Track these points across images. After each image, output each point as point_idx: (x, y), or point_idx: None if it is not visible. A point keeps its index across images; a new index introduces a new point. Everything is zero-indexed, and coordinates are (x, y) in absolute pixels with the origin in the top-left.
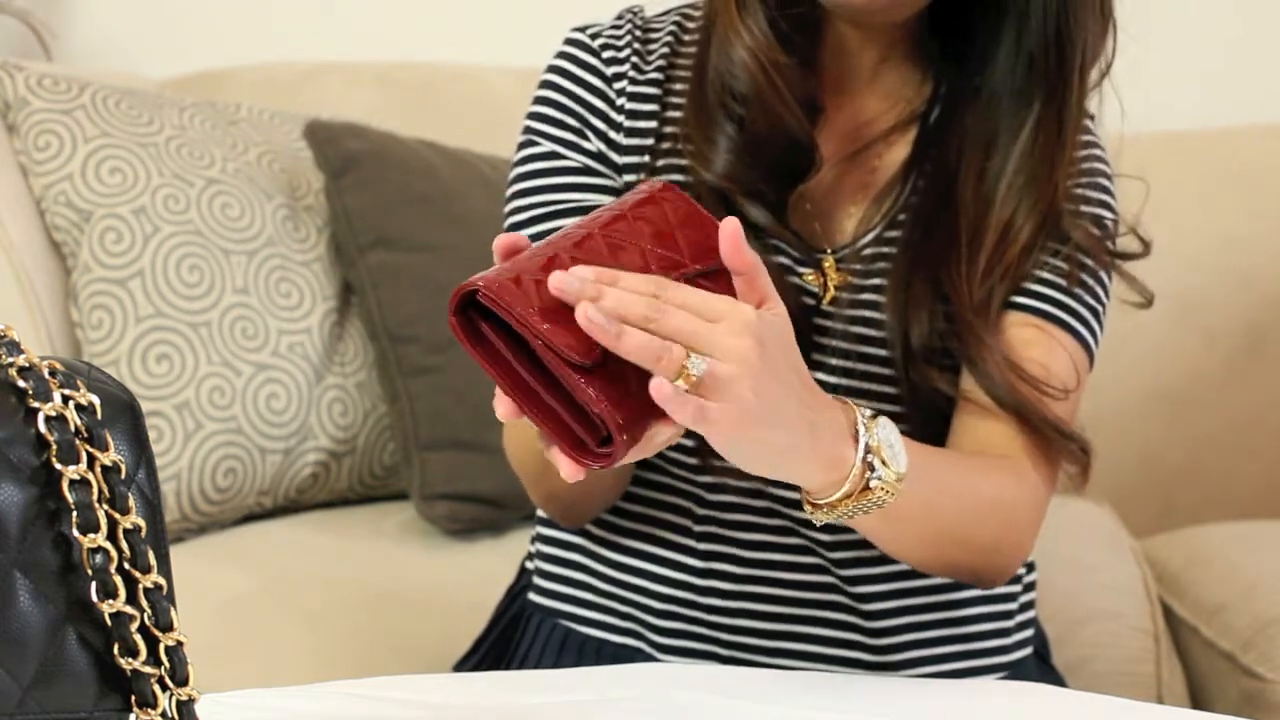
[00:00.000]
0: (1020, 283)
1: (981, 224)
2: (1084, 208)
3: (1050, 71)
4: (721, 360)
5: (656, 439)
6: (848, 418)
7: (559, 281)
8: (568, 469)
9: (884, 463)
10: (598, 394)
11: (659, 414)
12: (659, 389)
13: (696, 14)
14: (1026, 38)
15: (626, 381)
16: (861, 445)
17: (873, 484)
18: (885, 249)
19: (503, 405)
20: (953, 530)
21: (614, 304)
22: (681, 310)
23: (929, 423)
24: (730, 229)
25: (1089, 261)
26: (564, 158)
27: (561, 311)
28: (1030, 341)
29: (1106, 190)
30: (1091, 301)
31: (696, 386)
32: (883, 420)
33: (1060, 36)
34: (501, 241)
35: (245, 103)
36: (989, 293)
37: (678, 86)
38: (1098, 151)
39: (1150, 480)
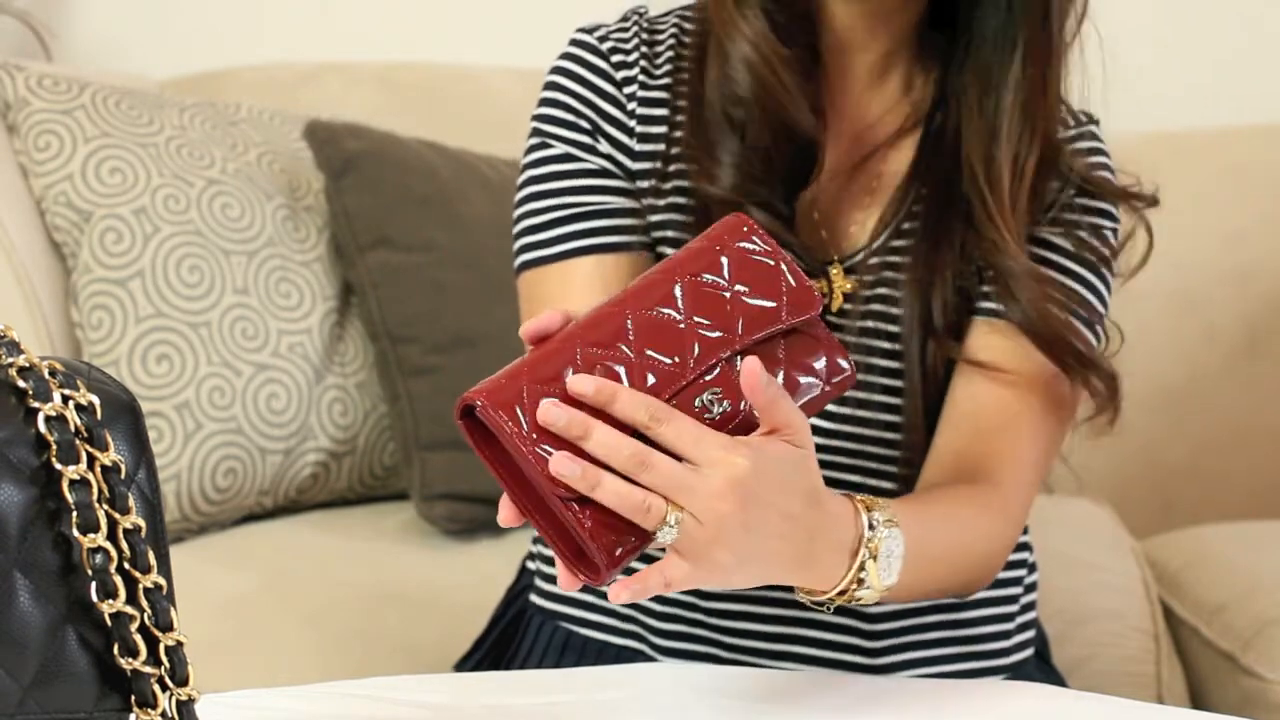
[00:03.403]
0: (1034, 227)
1: (994, 160)
2: (1084, 217)
3: (1031, 8)
4: (700, 524)
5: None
6: (855, 528)
7: (547, 415)
8: (564, 579)
9: (875, 575)
10: (593, 525)
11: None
12: (619, 590)
13: (694, 15)
14: None
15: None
16: (857, 562)
17: (859, 594)
18: (892, 258)
19: (505, 511)
20: (931, 588)
21: (599, 450)
22: (664, 463)
23: (932, 412)
24: (749, 372)
25: (1091, 238)
26: (580, 159)
27: (550, 433)
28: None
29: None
30: (1089, 316)
31: (674, 542)
32: (893, 532)
33: None
34: (530, 330)
35: (245, 103)
36: (1019, 225)
37: (684, 90)
38: (1103, 160)
39: (1150, 480)
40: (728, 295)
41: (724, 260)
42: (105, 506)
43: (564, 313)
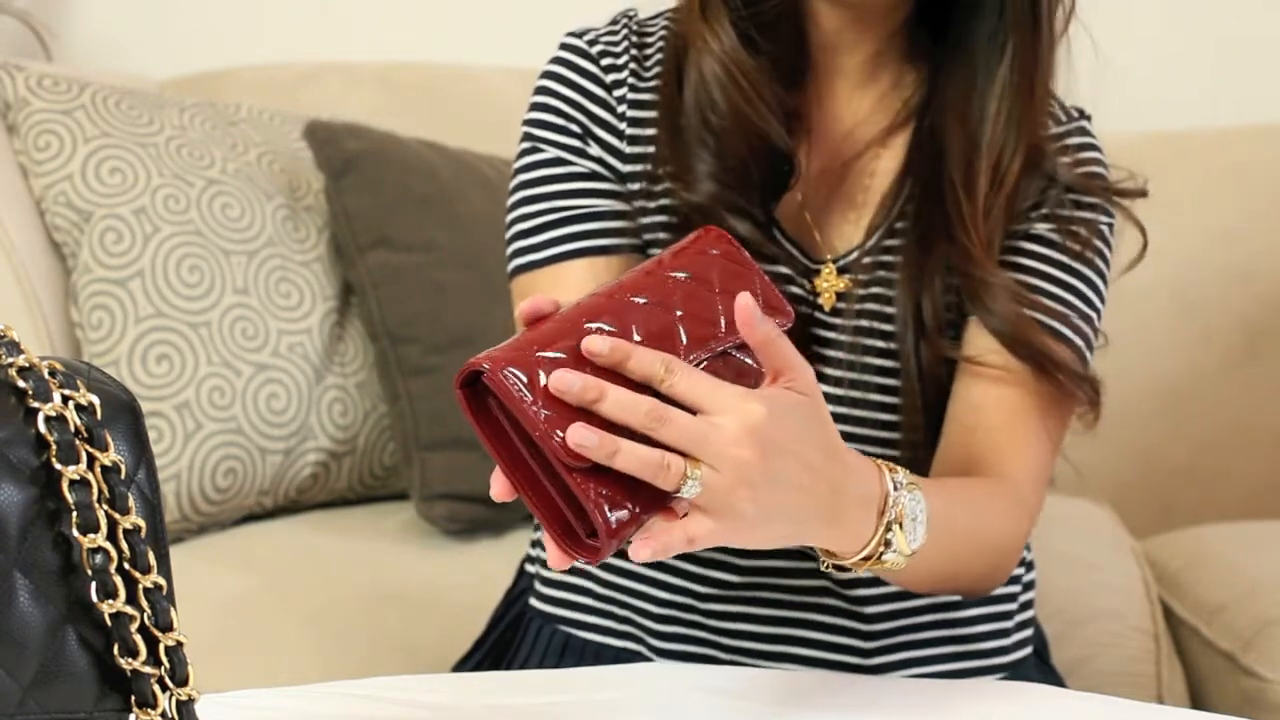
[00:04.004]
0: (1014, 256)
1: (973, 169)
2: (1078, 213)
3: (1023, 14)
4: (719, 473)
5: (655, 529)
6: (880, 486)
7: (559, 382)
8: (555, 558)
9: (901, 538)
10: (596, 495)
11: (658, 511)
12: (646, 545)
13: (675, 20)
14: None
15: (626, 479)
16: (884, 522)
17: (885, 557)
18: (886, 257)
19: (498, 485)
20: (953, 569)
21: (615, 410)
22: (680, 416)
23: (930, 409)
24: (742, 307)
25: (1084, 236)
26: (570, 163)
27: (558, 401)
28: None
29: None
30: (1086, 310)
31: (696, 497)
32: (915, 495)
33: None
34: (525, 309)
35: (245, 103)
36: (990, 234)
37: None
38: (1095, 155)
39: (1150, 480)
40: (710, 296)
41: (705, 263)
42: (105, 506)
43: (555, 300)
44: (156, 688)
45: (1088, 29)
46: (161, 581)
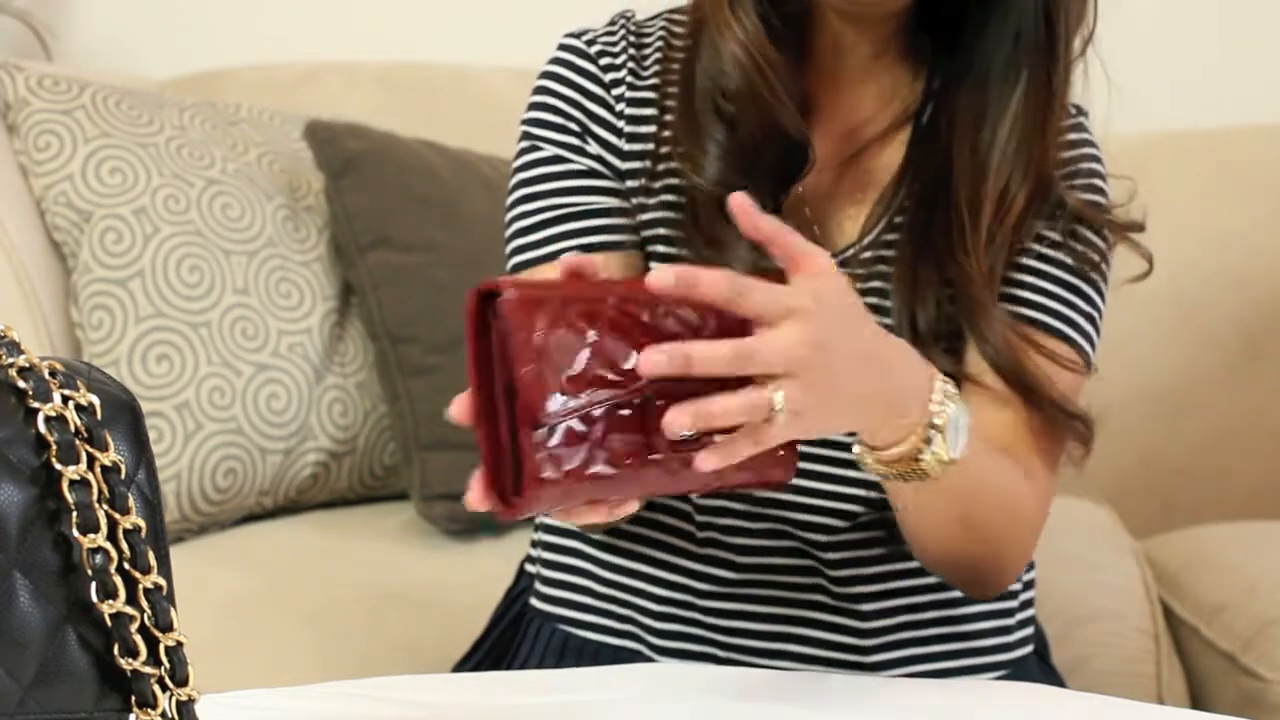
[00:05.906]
0: (1018, 257)
1: (978, 194)
2: (1083, 226)
3: (1039, 44)
4: (797, 378)
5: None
6: (929, 382)
7: (649, 363)
8: (475, 495)
9: (942, 444)
10: (546, 452)
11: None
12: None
13: (683, 18)
14: (1014, 15)
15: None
16: (929, 418)
17: (922, 458)
18: (885, 251)
19: (459, 405)
20: (973, 516)
21: (704, 367)
22: (761, 347)
23: None
24: (738, 204)
25: (1090, 240)
26: (569, 161)
27: (557, 358)
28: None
29: (1100, 191)
30: (1088, 309)
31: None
32: (961, 404)
33: (1049, 9)
34: (569, 262)
35: (245, 103)
36: (992, 263)
37: (672, 90)
38: (1092, 150)
39: (1150, 480)
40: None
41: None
42: (105, 506)
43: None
44: (156, 688)
45: (1098, 53)
46: (161, 581)
